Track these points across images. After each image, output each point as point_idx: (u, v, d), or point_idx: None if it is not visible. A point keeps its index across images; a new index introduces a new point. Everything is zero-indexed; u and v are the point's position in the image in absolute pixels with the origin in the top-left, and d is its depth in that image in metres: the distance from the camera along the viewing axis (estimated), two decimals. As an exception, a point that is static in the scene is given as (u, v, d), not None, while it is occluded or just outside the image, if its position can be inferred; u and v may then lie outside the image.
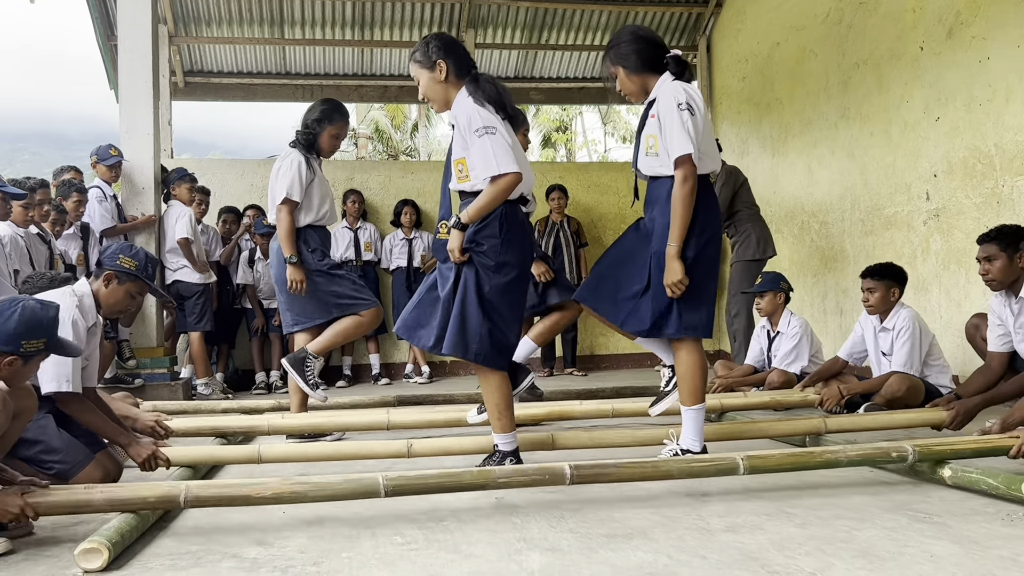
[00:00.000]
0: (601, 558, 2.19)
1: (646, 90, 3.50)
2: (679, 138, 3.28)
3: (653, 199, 3.49)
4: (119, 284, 3.42)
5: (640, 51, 3.46)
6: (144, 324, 6.42)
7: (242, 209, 8.00)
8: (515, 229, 3.33)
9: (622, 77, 3.51)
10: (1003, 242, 4.07)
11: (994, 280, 4.11)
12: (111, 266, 3.41)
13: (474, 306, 3.26)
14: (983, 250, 4.13)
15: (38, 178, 5.42)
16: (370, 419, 4.31)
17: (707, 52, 9.78)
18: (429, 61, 3.37)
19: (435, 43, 3.38)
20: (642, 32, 3.55)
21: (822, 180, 7.28)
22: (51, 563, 2.27)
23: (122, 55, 6.55)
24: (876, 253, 6.35)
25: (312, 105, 4.60)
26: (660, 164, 3.41)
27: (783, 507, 2.69)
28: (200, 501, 2.62)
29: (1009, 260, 4.05)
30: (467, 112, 3.27)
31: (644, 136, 3.47)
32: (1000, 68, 5.28)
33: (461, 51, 3.43)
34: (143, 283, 3.49)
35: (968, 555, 2.14)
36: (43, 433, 3.09)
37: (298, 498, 2.61)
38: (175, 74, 9.50)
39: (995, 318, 4.24)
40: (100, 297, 3.41)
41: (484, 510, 2.76)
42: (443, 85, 3.38)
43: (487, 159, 3.21)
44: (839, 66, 7.01)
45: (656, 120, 3.39)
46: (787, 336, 5.45)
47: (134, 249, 3.51)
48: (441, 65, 3.36)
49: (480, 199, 3.24)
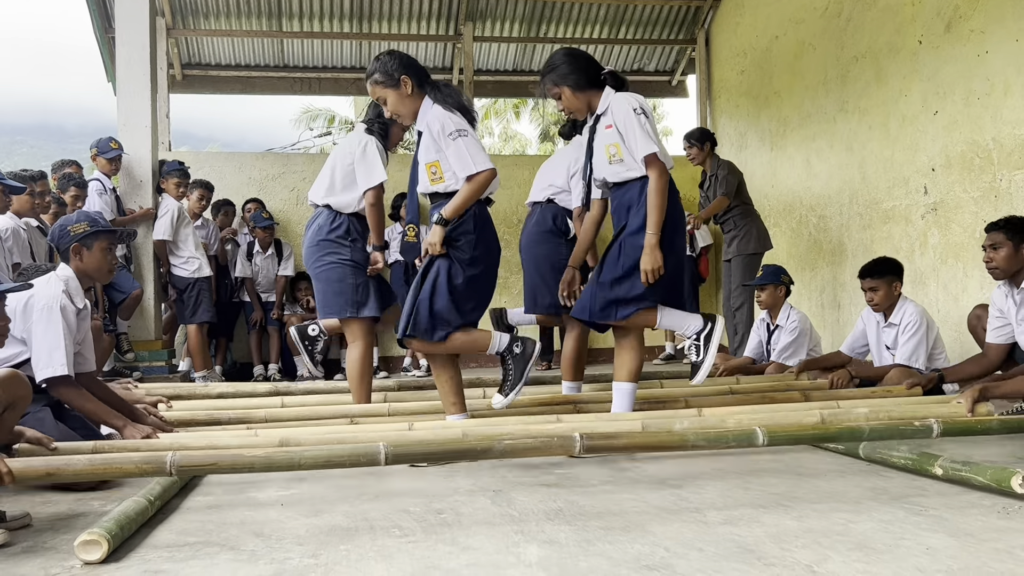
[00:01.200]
0: (598, 550, 2.20)
1: (590, 106, 3.80)
2: (643, 140, 3.59)
3: (625, 203, 3.75)
4: (88, 249, 3.44)
5: (580, 70, 3.75)
6: (143, 317, 6.42)
7: (242, 203, 8.00)
8: (487, 227, 3.62)
9: (568, 96, 3.77)
10: (1011, 231, 4.09)
11: (997, 268, 4.12)
12: (70, 241, 3.43)
13: (443, 295, 3.52)
14: (990, 238, 4.15)
15: (36, 170, 5.42)
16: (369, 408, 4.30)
17: (706, 46, 9.78)
18: (393, 79, 3.60)
19: (393, 61, 3.61)
20: (576, 52, 3.84)
21: (820, 174, 7.28)
22: (49, 555, 2.28)
23: (120, 47, 6.55)
24: (874, 247, 6.35)
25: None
26: (626, 168, 3.70)
27: (780, 500, 2.70)
28: (187, 469, 2.52)
29: (1015, 250, 4.07)
30: (439, 118, 3.51)
31: (604, 147, 3.75)
32: (998, 62, 5.27)
33: (416, 63, 3.69)
34: (105, 233, 3.49)
35: (964, 548, 2.15)
36: (40, 425, 3.10)
37: (292, 464, 2.51)
38: (173, 66, 9.49)
39: (995, 310, 4.26)
40: (85, 271, 3.43)
41: (481, 503, 2.77)
42: (410, 98, 3.62)
43: (464, 159, 3.46)
44: (838, 59, 7.00)
45: (614, 129, 3.68)
46: (786, 330, 5.46)
47: (72, 216, 3.55)
48: (405, 80, 3.58)
49: (460, 196, 3.50)
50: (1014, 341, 4.21)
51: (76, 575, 2.11)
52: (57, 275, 3.35)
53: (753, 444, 2.87)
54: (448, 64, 10.19)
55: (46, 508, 2.77)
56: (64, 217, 3.62)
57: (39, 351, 3.11)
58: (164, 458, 2.48)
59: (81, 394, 3.20)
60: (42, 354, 3.09)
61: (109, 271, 3.56)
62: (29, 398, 2.83)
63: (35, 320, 3.13)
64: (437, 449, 2.60)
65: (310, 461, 2.51)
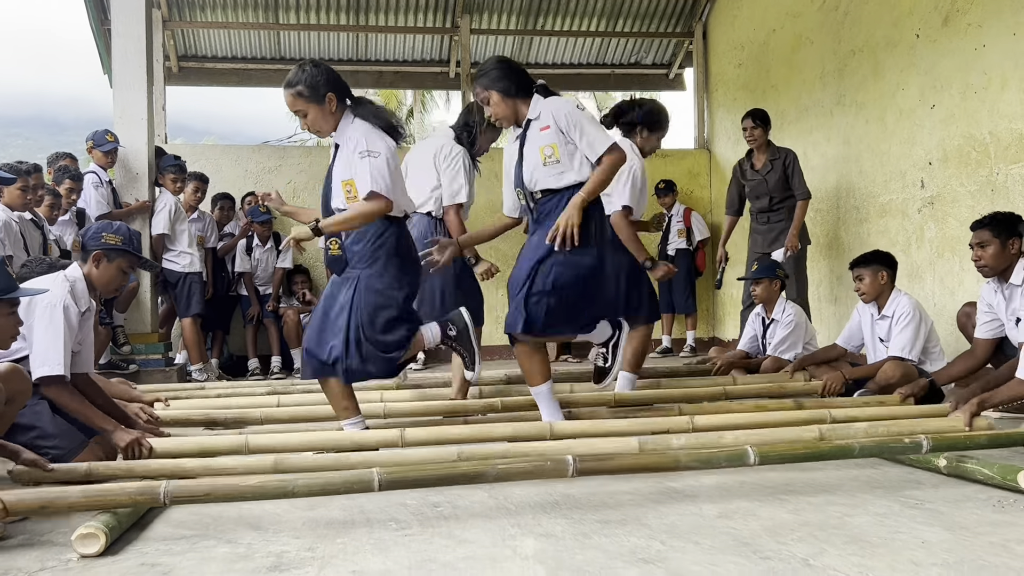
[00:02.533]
0: (594, 543, 2.20)
1: (517, 113, 3.73)
2: (599, 134, 3.60)
3: (546, 213, 3.68)
4: (109, 262, 3.41)
5: (510, 77, 3.69)
6: (139, 310, 6.41)
7: (241, 196, 7.98)
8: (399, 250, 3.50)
9: (496, 101, 3.70)
10: (996, 228, 4.10)
11: (986, 266, 4.14)
12: (97, 246, 3.40)
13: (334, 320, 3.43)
14: (976, 236, 4.16)
15: (31, 163, 5.40)
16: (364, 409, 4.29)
17: (703, 39, 9.76)
18: (318, 95, 3.41)
19: (321, 76, 3.42)
20: (509, 61, 3.79)
21: (817, 167, 7.28)
22: (46, 548, 2.28)
23: (116, 40, 6.52)
24: (870, 241, 6.36)
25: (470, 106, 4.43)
26: (561, 170, 3.63)
27: (776, 493, 2.71)
28: (181, 498, 2.51)
29: (1002, 247, 4.08)
30: (356, 135, 3.40)
31: (539, 149, 3.64)
32: (995, 56, 5.27)
33: (340, 77, 3.51)
34: (132, 256, 3.48)
35: (959, 541, 2.16)
36: (38, 419, 3.10)
37: (286, 493, 2.51)
38: (169, 59, 9.45)
39: (984, 305, 4.27)
40: (93, 278, 3.40)
41: (478, 496, 2.77)
42: (333, 115, 3.47)
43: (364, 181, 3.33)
44: (835, 53, 7.00)
45: (552, 130, 3.60)
46: (782, 324, 5.46)
47: (115, 225, 3.51)
48: (331, 97, 3.43)
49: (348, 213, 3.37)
50: (1002, 336, 4.21)
51: (72, 568, 2.11)
52: (65, 275, 3.33)
53: (744, 464, 2.87)
54: (445, 57, 10.16)
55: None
56: (108, 221, 3.62)
57: (37, 348, 3.10)
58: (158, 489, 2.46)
59: (72, 396, 3.17)
60: (39, 352, 3.08)
61: (115, 289, 3.56)
62: (28, 393, 2.82)
63: (37, 317, 3.13)
64: (432, 474, 2.62)
65: (304, 490, 2.52)
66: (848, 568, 1.97)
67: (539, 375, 3.69)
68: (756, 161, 6.41)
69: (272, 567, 2.08)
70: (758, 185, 6.36)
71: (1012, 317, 4.10)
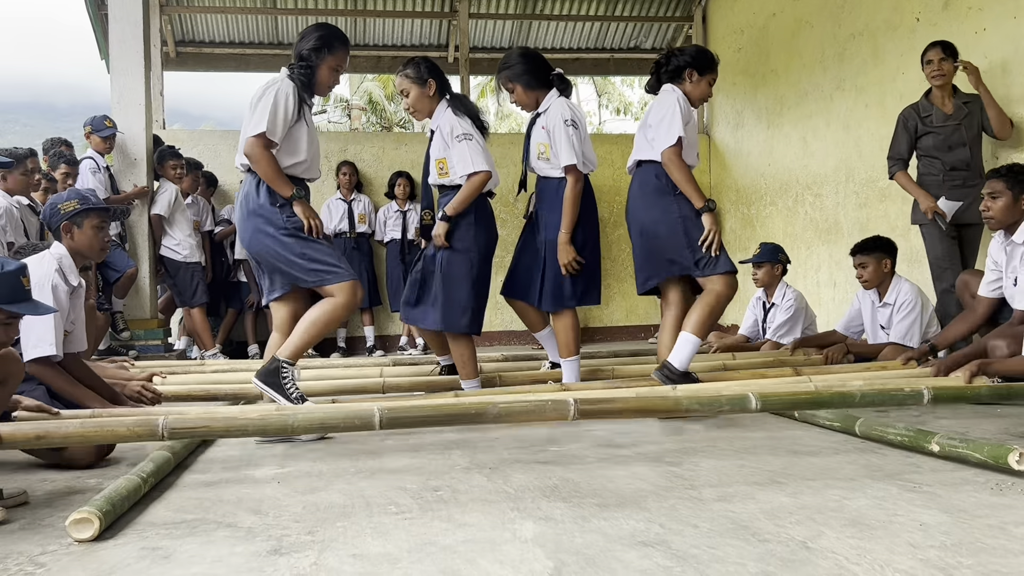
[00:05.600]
0: (594, 527, 2.21)
1: (538, 102, 4.35)
2: (567, 151, 4.14)
3: (541, 194, 4.38)
4: (79, 228, 3.42)
5: (532, 71, 4.30)
6: (138, 296, 6.41)
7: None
8: (484, 217, 4.15)
9: (519, 92, 4.34)
10: (1012, 180, 4.00)
11: (993, 218, 4.03)
12: (60, 219, 3.40)
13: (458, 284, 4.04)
14: (989, 185, 4.05)
15: (26, 148, 5.39)
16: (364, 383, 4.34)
17: (703, 23, 9.73)
18: (421, 79, 4.11)
19: (426, 64, 4.15)
20: (530, 54, 4.40)
21: (817, 152, 7.27)
22: (46, 532, 2.28)
23: (113, 25, 6.49)
24: (870, 225, 6.35)
25: (305, 32, 3.79)
26: (550, 167, 4.28)
27: (774, 476, 2.71)
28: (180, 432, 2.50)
29: (1013, 200, 3.98)
30: (450, 121, 4.05)
31: (535, 143, 4.33)
32: (996, 40, 5.25)
33: (443, 73, 4.22)
34: (96, 211, 3.47)
35: (957, 523, 2.16)
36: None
37: (287, 428, 2.50)
38: (167, 44, 9.42)
39: (991, 261, 4.16)
40: (77, 249, 3.40)
41: (477, 480, 2.78)
42: (430, 99, 4.14)
43: (464, 160, 3.99)
44: (835, 37, 6.97)
45: (546, 132, 4.24)
46: (782, 308, 5.47)
47: (65, 194, 3.50)
48: (431, 83, 4.11)
49: (461, 194, 4.02)
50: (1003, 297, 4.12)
51: (73, 552, 2.11)
52: (51, 253, 3.33)
53: (746, 409, 2.85)
54: (443, 41, 10.12)
55: (43, 486, 2.77)
56: (55, 195, 3.59)
57: (29, 330, 3.10)
58: (156, 421, 2.44)
59: (63, 376, 3.17)
60: (31, 333, 3.08)
61: (102, 249, 3.53)
62: (21, 375, 2.82)
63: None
64: (432, 413, 2.58)
65: (304, 424, 2.47)
66: (846, 550, 1.97)
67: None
68: (945, 105, 5.22)
69: (273, 550, 2.09)
70: (953, 133, 5.16)
71: (1012, 275, 4.01)
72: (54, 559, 2.07)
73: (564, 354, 4.27)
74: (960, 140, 5.11)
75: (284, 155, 3.65)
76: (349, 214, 7.98)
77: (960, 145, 5.11)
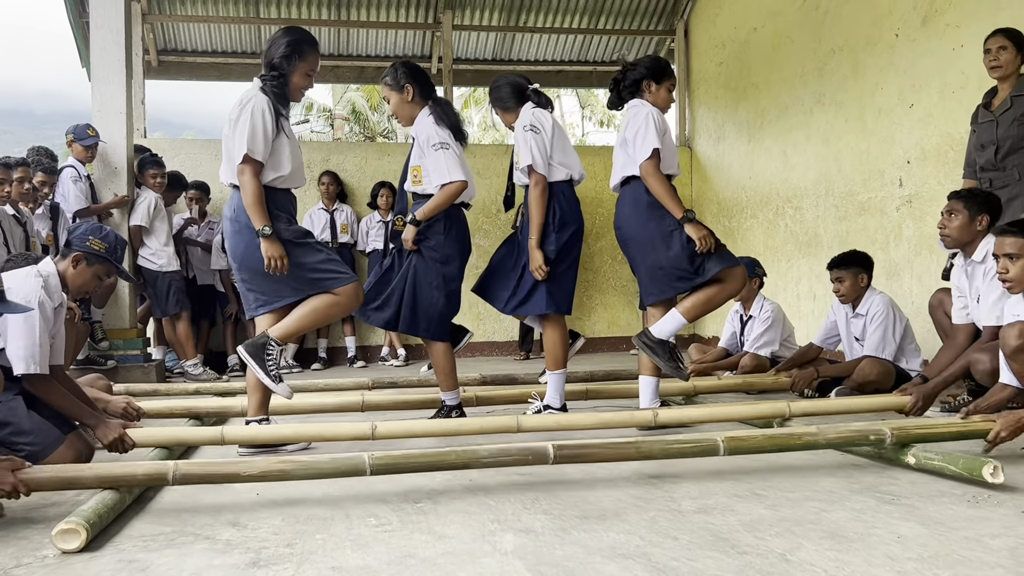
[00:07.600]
0: (574, 539, 2.21)
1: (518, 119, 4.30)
2: (525, 153, 4.11)
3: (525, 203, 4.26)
4: (87, 266, 3.38)
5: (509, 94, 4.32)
6: (117, 306, 6.36)
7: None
8: (457, 227, 4.07)
9: (503, 116, 4.40)
10: (969, 201, 4.05)
11: (949, 236, 4.08)
12: (80, 248, 3.37)
13: (423, 290, 3.99)
14: (948, 205, 4.10)
15: (18, 157, 5.35)
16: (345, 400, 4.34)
17: (685, 37, 9.79)
18: (398, 84, 4.05)
19: (403, 69, 4.07)
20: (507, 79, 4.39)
21: (797, 166, 7.33)
22: (22, 545, 2.26)
23: (94, 32, 6.46)
24: (850, 239, 6.40)
25: (274, 38, 3.74)
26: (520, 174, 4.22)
27: (754, 489, 2.73)
28: (188, 478, 2.63)
29: (969, 219, 4.02)
30: (427, 129, 3.98)
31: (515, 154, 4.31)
32: (973, 56, 5.31)
33: (424, 75, 4.12)
34: (112, 265, 3.45)
35: (934, 536, 2.18)
36: (13, 415, 3.06)
37: (284, 476, 2.64)
38: (148, 52, 9.37)
39: (955, 289, 4.21)
40: (67, 278, 3.36)
41: (458, 492, 2.77)
42: (409, 105, 4.07)
43: (440, 169, 3.92)
44: (815, 52, 7.04)
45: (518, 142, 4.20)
46: (759, 320, 5.50)
47: (104, 231, 3.46)
48: (408, 88, 4.04)
49: (432, 201, 3.95)
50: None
51: (49, 564, 2.09)
52: (39, 270, 3.29)
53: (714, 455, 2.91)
54: (427, 53, 10.13)
55: (20, 499, 2.74)
56: (99, 225, 3.51)
57: (17, 346, 3.06)
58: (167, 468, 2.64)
59: (57, 391, 3.16)
60: (21, 349, 3.05)
61: (85, 292, 3.52)
62: (0, 386, 2.79)
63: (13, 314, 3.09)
64: (422, 462, 2.72)
65: (301, 473, 2.68)
66: (825, 562, 1.99)
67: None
68: (995, 99, 4.63)
69: (251, 563, 2.08)
70: (987, 131, 4.58)
71: (975, 295, 4.05)
72: (28, 572, 2.05)
73: (551, 366, 4.23)
74: (990, 138, 4.53)
75: (268, 170, 3.62)
76: (331, 224, 7.96)
77: (990, 144, 4.53)
